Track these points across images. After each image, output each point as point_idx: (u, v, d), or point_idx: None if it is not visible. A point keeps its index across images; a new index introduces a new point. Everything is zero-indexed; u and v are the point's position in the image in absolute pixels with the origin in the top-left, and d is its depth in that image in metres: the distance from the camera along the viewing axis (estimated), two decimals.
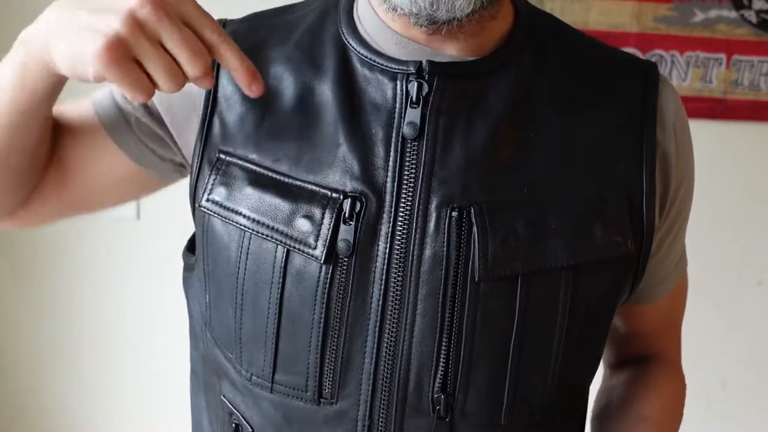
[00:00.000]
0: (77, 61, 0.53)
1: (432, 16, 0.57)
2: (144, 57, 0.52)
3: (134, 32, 0.51)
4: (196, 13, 0.53)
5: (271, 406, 0.64)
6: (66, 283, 1.67)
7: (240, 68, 0.55)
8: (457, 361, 0.59)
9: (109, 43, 0.50)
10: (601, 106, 0.63)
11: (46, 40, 0.55)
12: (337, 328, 0.60)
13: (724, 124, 1.58)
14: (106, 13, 0.51)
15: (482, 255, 0.57)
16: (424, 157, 0.59)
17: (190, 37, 0.52)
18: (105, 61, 0.51)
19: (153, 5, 0.51)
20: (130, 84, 0.52)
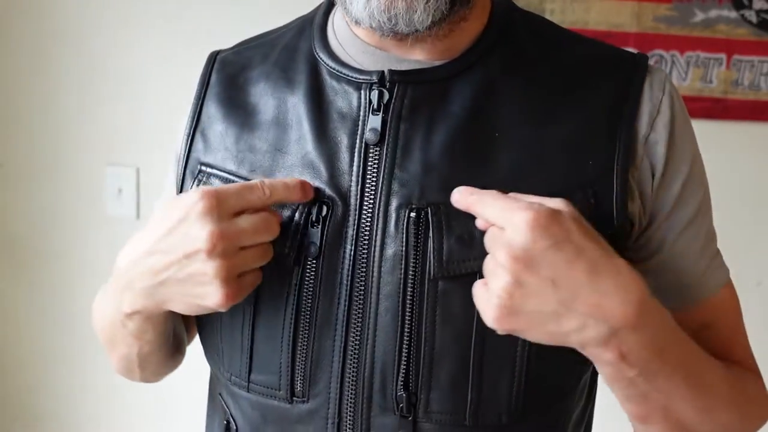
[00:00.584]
0: (200, 309, 0.60)
1: (393, 30, 0.59)
2: (245, 269, 0.59)
3: (226, 264, 0.57)
4: (235, 196, 0.58)
5: (249, 405, 0.66)
6: (66, 283, 1.67)
7: (295, 196, 0.60)
8: (418, 359, 0.60)
9: (225, 289, 0.57)
10: (578, 104, 0.63)
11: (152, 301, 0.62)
12: (307, 328, 0.62)
13: (724, 124, 1.58)
14: (192, 259, 0.57)
15: (437, 253, 0.59)
16: (385, 161, 0.61)
17: (253, 227, 0.58)
18: (230, 301, 0.58)
19: (217, 234, 0.56)
20: (250, 290, 0.61)
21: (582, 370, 0.66)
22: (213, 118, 0.69)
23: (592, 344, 0.54)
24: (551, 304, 0.53)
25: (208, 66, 0.72)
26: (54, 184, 1.64)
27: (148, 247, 0.60)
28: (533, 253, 0.52)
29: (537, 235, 0.52)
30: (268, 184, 0.59)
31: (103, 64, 1.59)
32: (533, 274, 0.52)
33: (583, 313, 0.53)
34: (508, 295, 0.53)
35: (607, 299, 0.53)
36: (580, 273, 0.53)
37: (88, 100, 1.60)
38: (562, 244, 0.52)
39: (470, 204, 0.57)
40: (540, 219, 0.52)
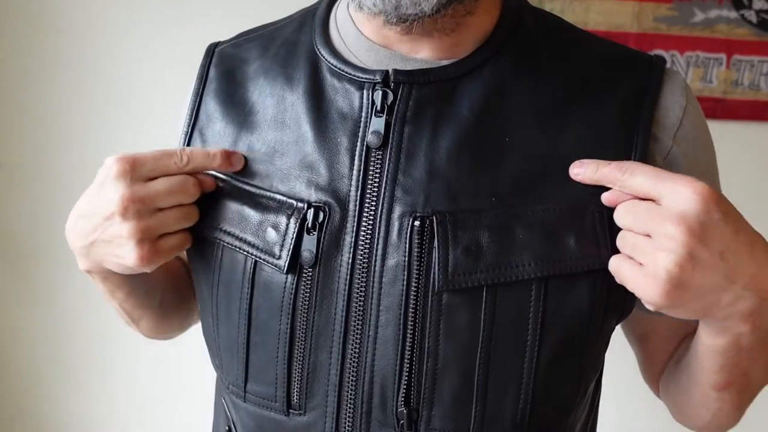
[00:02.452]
0: (126, 269, 0.62)
1: (398, 11, 0.56)
2: (164, 230, 0.60)
3: (142, 227, 0.58)
4: (151, 161, 0.59)
5: (246, 414, 0.64)
6: (66, 283, 1.67)
7: (215, 163, 0.61)
8: (421, 374, 0.57)
9: (139, 249, 0.59)
10: (592, 107, 0.59)
11: (91, 261, 0.64)
12: (303, 338, 0.59)
13: (724, 124, 1.58)
14: (110, 221, 0.59)
15: (442, 265, 0.56)
16: (388, 166, 0.58)
17: (167, 188, 0.59)
18: (145, 262, 0.59)
19: (128, 197, 0.58)
20: (171, 252, 0.62)
21: (588, 380, 0.63)
22: (212, 116, 0.66)
23: (738, 317, 0.54)
24: (717, 278, 0.52)
25: (207, 59, 0.70)
26: (54, 184, 1.64)
27: (80, 211, 0.62)
28: (707, 225, 0.51)
29: (711, 207, 0.51)
30: (187, 152, 0.60)
31: (104, 64, 1.59)
32: (706, 248, 0.51)
33: (743, 285, 0.52)
34: (681, 270, 0.51)
35: (762, 271, 0.52)
36: (743, 245, 0.52)
37: (88, 100, 1.60)
38: (728, 216, 0.52)
39: (607, 174, 0.55)
40: (707, 189, 0.51)
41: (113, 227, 0.59)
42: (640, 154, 0.58)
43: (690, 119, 0.62)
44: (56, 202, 1.65)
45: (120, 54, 1.59)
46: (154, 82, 1.58)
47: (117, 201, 0.58)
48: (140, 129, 1.60)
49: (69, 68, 1.60)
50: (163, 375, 1.69)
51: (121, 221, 0.58)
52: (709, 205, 0.51)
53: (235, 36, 0.72)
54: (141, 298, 0.71)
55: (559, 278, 0.56)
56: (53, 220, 1.66)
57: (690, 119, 0.62)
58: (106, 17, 1.57)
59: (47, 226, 1.67)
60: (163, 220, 0.60)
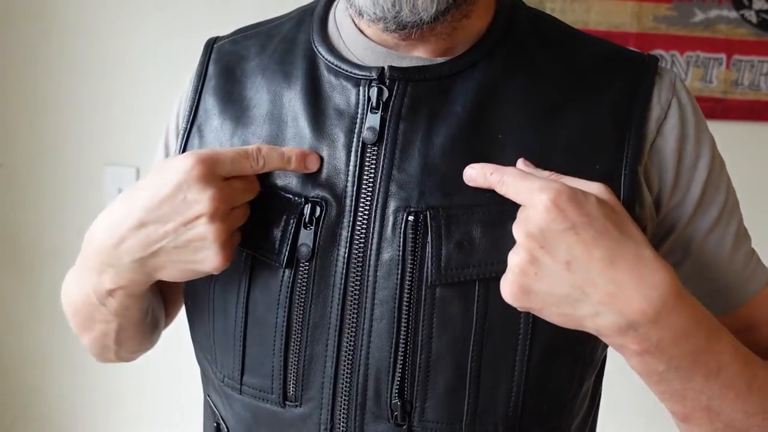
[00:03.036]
0: (195, 274, 0.60)
1: (397, 19, 0.57)
2: (235, 228, 0.59)
3: (225, 227, 0.57)
4: (230, 163, 0.58)
5: (242, 407, 0.65)
6: None
7: (290, 166, 0.60)
8: (414, 366, 0.58)
9: (223, 252, 0.57)
10: (585, 104, 0.60)
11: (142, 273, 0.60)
12: (299, 331, 0.60)
13: (724, 124, 1.58)
14: (191, 224, 0.57)
15: (435, 259, 0.57)
16: (383, 162, 0.59)
17: (242, 188, 0.59)
18: (227, 263, 0.58)
19: (218, 198, 0.56)
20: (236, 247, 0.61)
21: (583, 378, 0.63)
22: (210, 113, 0.67)
23: (608, 333, 0.53)
24: (564, 287, 0.52)
25: (206, 55, 0.70)
26: (54, 184, 1.64)
27: (138, 220, 0.58)
28: (549, 233, 0.52)
29: (553, 216, 0.51)
30: (264, 154, 0.59)
31: (103, 64, 1.59)
32: (548, 255, 0.52)
33: (598, 301, 0.52)
34: (521, 272, 0.53)
35: (623, 291, 0.51)
36: (596, 260, 0.51)
37: (87, 100, 1.60)
38: (581, 228, 0.51)
39: (491, 183, 0.56)
40: (559, 200, 0.52)
41: (195, 230, 0.56)
42: (633, 150, 0.59)
43: (676, 113, 0.62)
44: (56, 202, 1.65)
45: (120, 54, 1.59)
46: (155, 83, 1.58)
47: (206, 203, 0.56)
48: (140, 129, 1.60)
49: (69, 68, 1.60)
50: (167, 375, 1.69)
51: (208, 223, 0.56)
52: (554, 214, 0.51)
53: (234, 32, 0.73)
54: (144, 313, 0.70)
55: None
56: (53, 220, 1.66)
57: (676, 113, 0.62)
58: (106, 18, 1.58)
59: (48, 225, 1.67)
60: (236, 220, 0.59)
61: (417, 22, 0.57)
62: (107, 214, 0.61)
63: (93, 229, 0.62)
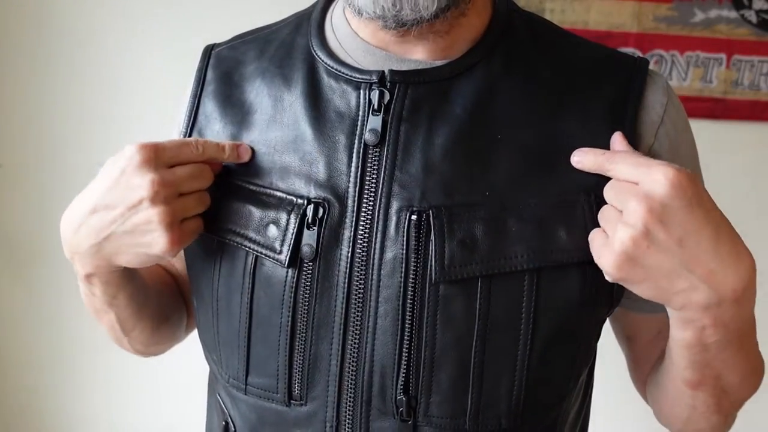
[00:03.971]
0: (148, 259, 0.62)
1: (397, 17, 0.58)
2: (186, 215, 0.61)
3: (168, 210, 0.59)
4: (171, 149, 0.60)
5: (247, 407, 0.65)
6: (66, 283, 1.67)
7: (224, 155, 0.63)
8: (419, 363, 0.59)
9: (169, 234, 0.59)
10: (579, 106, 0.62)
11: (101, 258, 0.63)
12: (304, 330, 0.61)
13: (724, 124, 1.58)
14: (135, 209, 0.59)
15: (438, 257, 0.58)
16: (385, 163, 0.60)
17: (188, 174, 0.61)
18: (175, 246, 0.60)
19: (157, 181, 0.58)
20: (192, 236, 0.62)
21: (580, 369, 0.65)
22: (210, 117, 0.68)
23: (695, 308, 0.55)
24: (672, 262, 0.53)
25: (204, 61, 0.71)
26: (54, 184, 1.64)
27: (90, 206, 0.61)
28: (670, 209, 0.53)
29: (677, 192, 0.53)
30: (201, 142, 0.62)
31: (103, 64, 1.59)
32: (664, 230, 0.53)
33: (699, 277, 0.54)
34: (634, 244, 0.53)
35: (723, 269, 0.54)
36: (706, 238, 0.53)
37: (87, 99, 1.60)
38: (696, 207, 0.53)
39: (600, 163, 0.58)
40: (681, 177, 0.53)
41: (139, 214, 0.59)
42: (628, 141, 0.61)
43: (671, 117, 0.64)
44: (56, 202, 1.65)
45: (120, 55, 1.59)
46: (155, 83, 1.58)
47: (147, 186, 0.58)
48: (140, 129, 1.60)
49: (69, 69, 1.60)
50: (165, 374, 1.69)
51: (150, 206, 0.58)
52: (677, 191, 0.53)
53: (231, 38, 0.74)
54: (140, 303, 0.71)
55: (551, 269, 0.59)
56: (53, 220, 1.66)
57: (671, 117, 0.64)
58: (107, 18, 1.58)
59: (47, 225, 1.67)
60: (185, 204, 0.61)
61: (417, 20, 0.58)
62: (71, 205, 0.64)
63: (61, 221, 0.65)
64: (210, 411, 0.74)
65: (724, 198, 0.89)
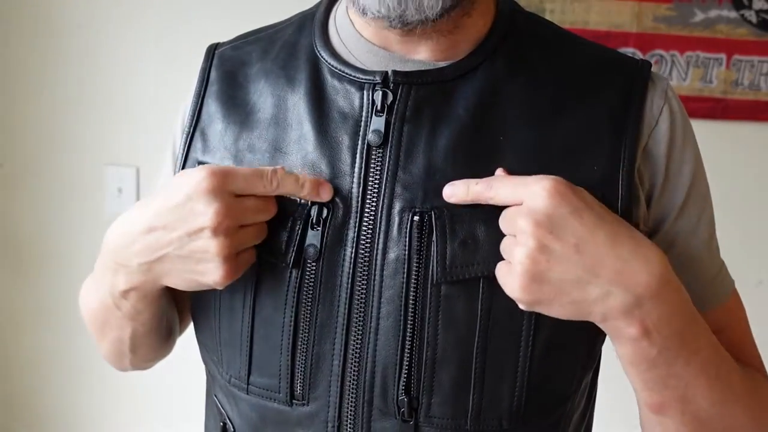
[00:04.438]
0: (197, 286, 0.61)
1: (402, 17, 0.58)
2: (243, 247, 0.59)
3: (228, 242, 0.57)
4: (243, 180, 0.58)
5: (248, 407, 0.65)
6: (66, 283, 1.67)
7: (303, 193, 0.60)
8: (420, 363, 0.59)
9: (225, 267, 0.58)
10: (581, 107, 0.62)
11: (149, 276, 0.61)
12: (307, 330, 0.61)
13: (724, 124, 1.58)
14: (195, 236, 0.57)
15: (440, 257, 0.58)
16: (388, 164, 0.60)
17: (254, 207, 0.59)
18: (229, 279, 0.59)
19: (222, 212, 0.56)
20: (244, 268, 0.61)
21: (583, 373, 0.65)
22: (213, 117, 0.68)
23: (616, 315, 0.55)
24: (576, 271, 0.53)
25: (207, 61, 0.71)
26: (54, 184, 1.64)
27: (148, 224, 0.59)
28: (555, 218, 0.53)
29: (558, 201, 0.53)
30: (279, 176, 0.59)
31: (103, 64, 1.59)
32: (556, 240, 0.53)
33: (608, 280, 0.53)
34: (532, 261, 0.53)
35: (629, 267, 0.53)
36: (602, 240, 0.54)
37: (87, 99, 1.61)
38: (583, 212, 0.54)
39: (477, 193, 0.57)
40: (559, 186, 0.54)
41: (198, 242, 0.57)
42: (629, 153, 0.61)
43: (666, 119, 0.64)
44: (56, 203, 1.66)
45: (121, 55, 1.59)
46: (155, 83, 1.58)
47: (211, 216, 0.56)
48: (140, 129, 1.60)
49: (69, 68, 1.60)
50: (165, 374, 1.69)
51: (211, 236, 0.57)
52: (558, 199, 0.53)
53: (235, 38, 0.74)
54: (158, 319, 0.71)
55: None
56: (53, 220, 1.66)
57: (666, 119, 0.64)
58: (107, 18, 1.58)
59: (48, 225, 1.67)
60: (245, 238, 0.59)
61: (422, 20, 0.58)
62: (123, 217, 0.63)
63: (110, 231, 0.64)
64: (208, 413, 0.74)
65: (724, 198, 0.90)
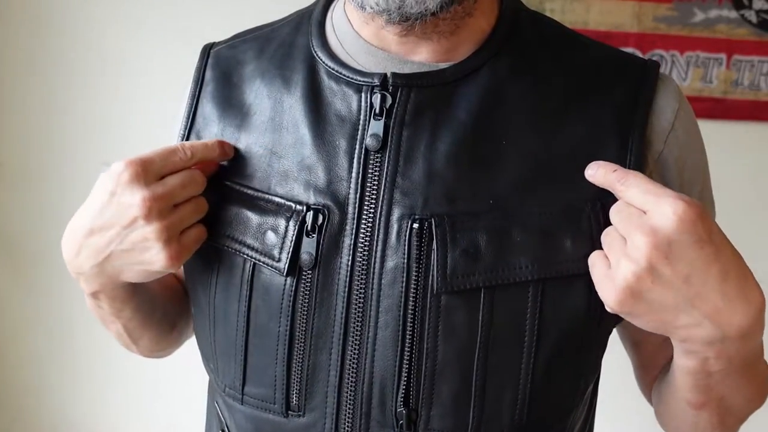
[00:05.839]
0: (150, 275, 0.61)
1: (401, 10, 0.56)
2: (184, 225, 0.60)
3: (164, 225, 0.58)
4: (159, 160, 0.59)
5: (243, 417, 0.64)
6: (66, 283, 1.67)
7: (215, 153, 0.62)
8: (420, 374, 0.57)
9: (168, 249, 0.58)
10: (587, 110, 0.60)
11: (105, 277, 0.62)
12: (303, 340, 0.59)
13: (724, 124, 1.58)
14: (131, 227, 0.58)
15: (441, 267, 0.56)
16: (387, 169, 0.58)
17: (180, 183, 0.59)
18: (176, 261, 0.59)
19: (149, 197, 0.57)
20: (194, 246, 0.61)
21: (587, 383, 0.63)
22: (208, 119, 0.66)
23: (698, 342, 0.54)
24: (676, 299, 0.52)
25: (202, 61, 0.69)
26: (54, 184, 1.64)
27: (87, 228, 0.59)
28: (677, 245, 0.51)
29: (685, 228, 0.51)
30: (188, 146, 0.60)
31: (103, 64, 1.59)
32: (670, 266, 0.51)
33: (704, 314, 0.52)
34: (638, 280, 0.52)
35: (730, 306, 0.52)
36: (714, 276, 0.52)
37: (87, 99, 1.60)
38: (705, 243, 0.51)
39: (611, 181, 0.55)
40: (691, 212, 0.51)
41: (135, 233, 0.57)
42: (635, 156, 0.59)
43: (682, 123, 0.62)
44: (56, 202, 1.65)
45: (120, 54, 1.59)
46: (155, 83, 1.58)
47: (139, 204, 0.56)
48: (140, 129, 1.60)
49: (69, 68, 1.60)
50: (165, 376, 1.69)
51: (145, 224, 0.57)
52: (685, 226, 0.51)
53: (231, 37, 0.72)
54: (146, 313, 0.71)
55: (556, 280, 0.57)
56: (53, 220, 1.66)
57: (682, 123, 0.62)
58: (106, 17, 1.58)
59: (47, 225, 1.67)
60: (182, 216, 0.59)
61: (422, 13, 0.56)
62: (68, 227, 0.63)
63: (62, 242, 0.64)
64: (209, 417, 0.73)
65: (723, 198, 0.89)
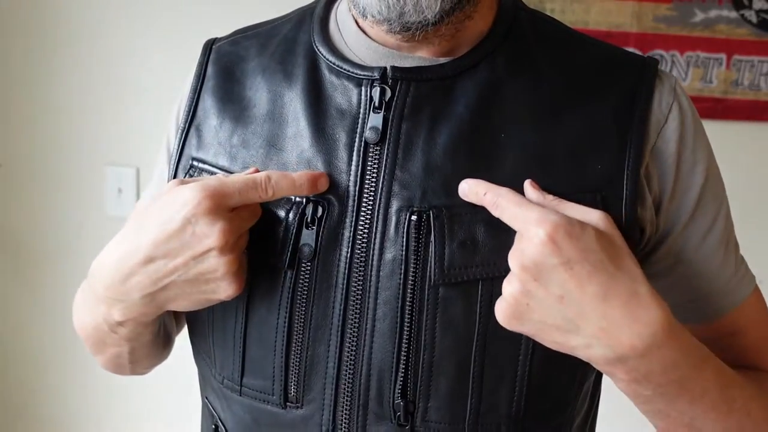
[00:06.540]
0: (209, 304, 0.60)
1: (402, 19, 0.57)
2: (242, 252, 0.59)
3: (236, 258, 0.56)
4: (237, 195, 0.57)
5: (242, 409, 0.64)
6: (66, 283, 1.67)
7: (302, 192, 0.59)
8: (417, 366, 0.58)
9: (236, 281, 0.57)
10: (586, 106, 0.61)
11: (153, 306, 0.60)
12: (301, 332, 0.60)
13: (724, 124, 1.58)
14: (201, 258, 0.56)
15: (438, 259, 0.57)
16: (386, 162, 0.59)
17: (248, 216, 0.58)
18: (239, 291, 0.58)
19: (227, 230, 0.55)
20: None
21: (585, 376, 0.64)
22: (208, 113, 0.67)
23: (600, 362, 0.55)
24: (557, 319, 0.53)
25: (204, 56, 0.70)
26: (54, 184, 1.64)
27: (145, 255, 0.57)
28: (543, 267, 0.52)
29: (548, 251, 0.52)
30: (272, 183, 0.57)
31: (103, 64, 1.59)
32: (541, 288, 0.52)
33: (590, 334, 0.53)
34: (515, 300, 0.53)
35: (614, 326, 0.52)
36: (589, 296, 0.52)
37: (88, 99, 1.60)
38: (575, 264, 0.52)
39: (485, 204, 0.56)
40: (555, 235, 0.52)
41: (205, 264, 0.56)
42: (635, 151, 0.59)
43: (676, 117, 0.62)
44: (56, 202, 1.65)
45: (121, 54, 1.59)
46: (156, 83, 1.58)
47: (216, 236, 0.55)
48: (140, 129, 1.60)
49: (69, 68, 1.60)
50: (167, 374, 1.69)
51: (219, 255, 0.55)
52: (548, 248, 0.51)
53: (233, 33, 0.73)
54: (156, 334, 0.70)
55: None
56: (54, 220, 1.66)
57: (676, 117, 0.62)
58: (106, 17, 1.58)
59: (47, 226, 1.67)
60: (242, 245, 0.58)
61: (421, 22, 0.57)
62: (114, 246, 0.60)
63: (100, 261, 0.61)
64: (203, 414, 0.74)
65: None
